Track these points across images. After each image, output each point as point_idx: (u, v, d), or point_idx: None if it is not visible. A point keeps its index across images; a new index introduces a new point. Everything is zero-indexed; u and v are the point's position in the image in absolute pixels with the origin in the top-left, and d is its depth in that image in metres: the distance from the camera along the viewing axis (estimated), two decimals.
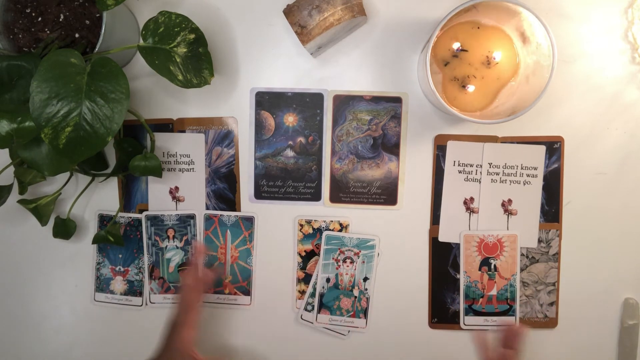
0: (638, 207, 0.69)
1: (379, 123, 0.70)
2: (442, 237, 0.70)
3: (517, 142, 0.69)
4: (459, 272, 0.71)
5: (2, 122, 0.54)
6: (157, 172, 0.66)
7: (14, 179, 0.66)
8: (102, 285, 0.74)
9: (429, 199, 0.70)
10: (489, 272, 0.70)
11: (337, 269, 0.71)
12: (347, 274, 0.71)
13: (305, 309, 0.72)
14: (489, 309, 0.70)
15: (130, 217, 0.73)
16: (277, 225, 0.72)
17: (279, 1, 0.66)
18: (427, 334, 0.71)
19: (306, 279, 0.72)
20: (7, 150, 0.66)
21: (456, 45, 0.63)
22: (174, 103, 0.71)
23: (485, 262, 0.70)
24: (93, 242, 0.71)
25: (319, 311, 0.71)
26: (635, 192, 0.69)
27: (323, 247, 0.71)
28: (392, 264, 0.71)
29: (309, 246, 0.71)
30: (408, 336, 0.72)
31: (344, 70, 0.69)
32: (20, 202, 0.67)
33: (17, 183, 0.66)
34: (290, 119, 0.70)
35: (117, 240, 0.70)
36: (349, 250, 0.71)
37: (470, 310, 0.71)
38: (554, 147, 0.69)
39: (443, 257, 0.71)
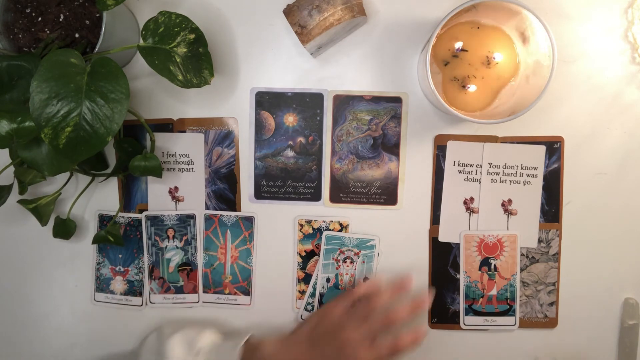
0: (638, 207, 0.69)
1: (379, 123, 0.70)
2: (442, 237, 0.70)
3: (517, 142, 0.69)
4: (459, 272, 0.71)
5: (2, 122, 0.54)
6: (157, 172, 0.66)
7: (14, 179, 0.66)
8: (102, 285, 0.74)
9: (429, 199, 0.70)
10: (489, 272, 0.70)
11: (337, 269, 0.71)
12: (347, 274, 0.71)
13: (305, 309, 0.72)
14: (489, 309, 0.70)
15: (130, 217, 0.73)
16: (277, 225, 0.72)
17: (279, 1, 0.66)
18: (427, 334, 0.71)
19: (306, 279, 0.72)
20: (7, 150, 0.65)
21: (458, 45, 0.63)
22: (174, 103, 0.71)
23: (485, 262, 0.70)
24: (93, 242, 0.71)
25: None
26: (635, 192, 0.69)
27: (323, 247, 0.71)
28: (392, 264, 0.71)
29: (309, 246, 0.71)
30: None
31: (344, 70, 0.69)
32: (20, 202, 0.67)
33: (17, 183, 0.66)
34: (290, 119, 0.70)
35: (117, 240, 0.70)
36: (349, 250, 0.71)
37: (470, 310, 0.71)
38: (554, 147, 0.69)
39: (443, 257, 0.71)
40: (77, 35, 0.62)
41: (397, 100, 0.69)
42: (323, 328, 0.63)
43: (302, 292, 0.72)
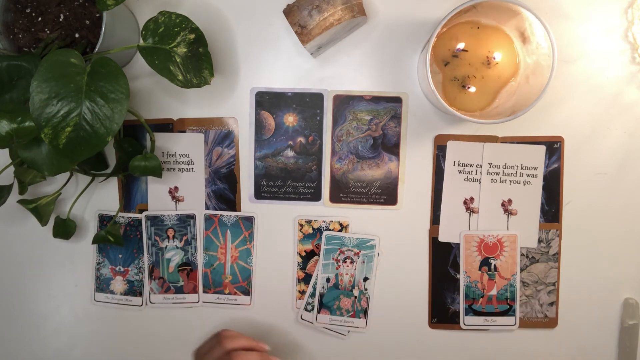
0: (638, 207, 0.69)
1: (379, 123, 0.70)
2: (442, 237, 0.70)
3: (517, 142, 0.69)
4: (459, 272, 0.71)
5: (2, 122, 0.54)
6: (157, 172, 0.66)
7: (14, 179, 0.66)
8: (102, 285, 0.74)
9: (429, 199, 0.70)
10: (489, 272, 0.70)
11: (337, 269, 0.71)
12: (347, 274, 0.71)
13: (305, 309, 0.72)
14: (489, 309, 0.70)
15: (130, 217, 0.73)
16: (277, 225, 0.72)
17: (279, 1, 0.66)
18: (427, 334, 0.71)
19: (306, 279, 0.72)
20: (7, 150, 0.65)
21: (460, 45, 0.63)
22: (174, 103, 0.71)
23: (485, 262, 0.70)
24: (93, 242, 0.71)
25: (319, 311, 0.71)
26: (635, 192, 0.69)
27: (323, 247, 0.71)
28: (392, 264, 0.71)
29: (309, 246, 0.71)
30: (408, 336, 0.72)
31: (344, 70, 0.69)
32: (20, 202, 0.67)
33: (17, 183, 0.66)
34: (290, 119, 0.70)
35: (117, 240, 0.70)
36: (349, 250, 0.71)
37: (470, 310, 0.71)
38: (554, 147, 0.69)
39: (443, 257, 0.71)
40: (77, 35, 0.62)
41: (397, 100, 0.69)
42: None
43: (302, 292, 0.72)
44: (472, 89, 0.64)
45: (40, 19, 0.62)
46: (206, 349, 0.63)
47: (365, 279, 0.71)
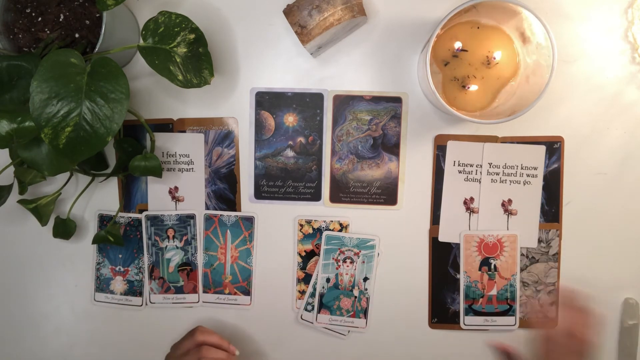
0: (638, 207, 0.69)
1: (379, 123, 0.70)
2: (442, 237, 0.70)
3: (517, 142, 0.69)
4: (459, 272, 0.71)
5: (2, 122, 0.54)
6: (157, 172, 0.66)
7: (14, 179, 0.66)
8: (102, 285, 0.74)
9: (429, 199, 0.70)
10: (489, 272, 0.70)
11: (337, 269, 0.71)
12: (347, 274, 0.71)
13: (305, 309, 0.72)
14: (489, 309, 0.70)
15: (130, 217, 0.73)
16: (277, 225, 0.72)
17: (279, 1, 0.66)
18: (427, 334, 0.71)
19: (306, 279, 0.72)
20: (7, 150, 0.65)
21: (457, 45, 0.63)
22: (174, 103, 0.71)
23: (485, 262, 0.70)
24: (93, 242, 0.71)
25: (319, 311, 0.71)
26: (636, 192, 0.69)
27: (323, 247, 0.71)
28: (392, 264, 0.71)
29: (309, 246, 0.71)
30: (408, 336, 0.72)
31: (344, 70, 0.69)
32: (20, 202, 0.67)
33: (17, 183, 0.66)
34: (290, 119, 0.70)
35: (117, 240, 0.70)
36: (349, 250, 0.71)
37: (470, 310, 0.71)
38: (554, 147, 0.69)
39: (443, 257, 0.71)
40: (77, 35, 0.62)
41: (397, 100, 0.69)
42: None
43: (302, 292, 0.72)
44: (472, 89, 0.64)
45: (40, 19, 0.62)
46: (179, 342, 0.65)
47: (365, 279, 0.71)
